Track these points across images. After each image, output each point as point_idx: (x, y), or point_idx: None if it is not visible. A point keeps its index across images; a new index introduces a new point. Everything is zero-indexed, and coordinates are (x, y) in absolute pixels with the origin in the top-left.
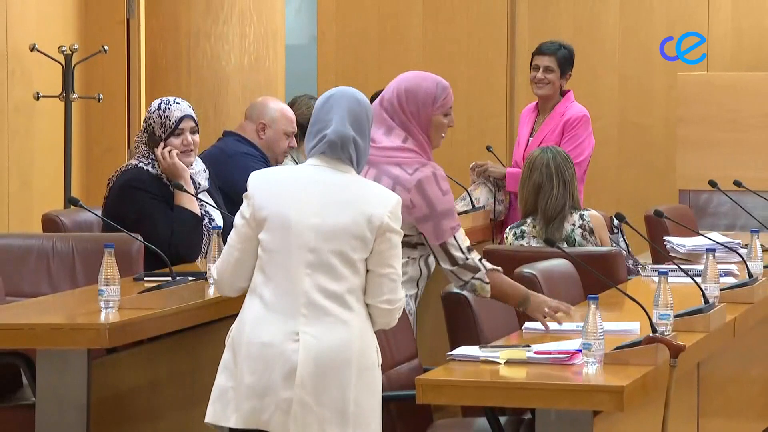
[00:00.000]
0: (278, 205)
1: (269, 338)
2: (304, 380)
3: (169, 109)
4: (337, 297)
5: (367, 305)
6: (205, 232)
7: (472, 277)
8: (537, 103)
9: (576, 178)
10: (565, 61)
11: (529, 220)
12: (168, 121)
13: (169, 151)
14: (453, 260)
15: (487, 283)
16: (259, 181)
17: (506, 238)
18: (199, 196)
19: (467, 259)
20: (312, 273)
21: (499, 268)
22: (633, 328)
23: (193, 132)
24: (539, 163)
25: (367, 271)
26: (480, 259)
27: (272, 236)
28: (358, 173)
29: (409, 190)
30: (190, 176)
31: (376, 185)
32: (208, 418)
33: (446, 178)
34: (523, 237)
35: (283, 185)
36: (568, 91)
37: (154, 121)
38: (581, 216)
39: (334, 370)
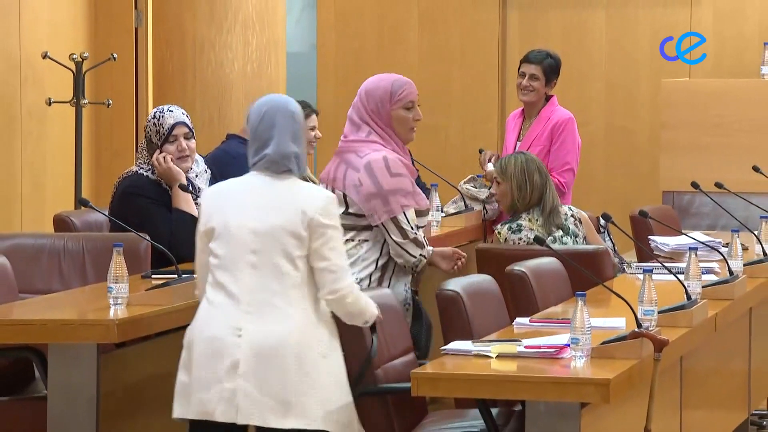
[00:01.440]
0: (221, 214)
1: (215, 334)
2: (246, 372)
3: (162, 117)
4: (279, 293)
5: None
6: None
7: (420, 254)
8: (523, 109)
9: None
10: (551, 69)
11: (524, 215)
12: (162, 129)
13: (164, 157)
14: (404, 234)
15: (426, 259)
16: (207, 194)
17: (498, 233)
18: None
19: (417, 235)
20: (254, 273)
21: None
22: (619, 323)
23: (187, 138)
24: (533, 166)
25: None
26: (423, 237)
27: (218, 243)
28: (299, 176)
29: (358, 170)
30: (189, 179)
31: (311, 186)
32: (175, 414)
33: (402, 164)
34: (520, 231)
35: (226, 195)
36: (552, 96)
37: (150, 129)
38: (570, 208)
39: (273, 361)
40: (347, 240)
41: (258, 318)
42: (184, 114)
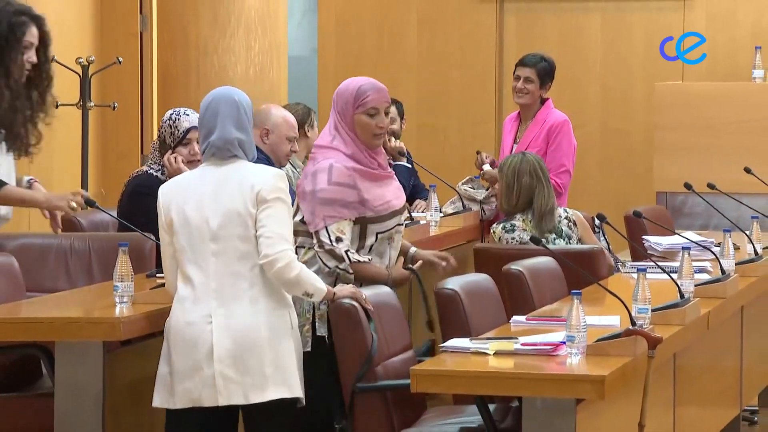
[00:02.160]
0: (178, 207)
1: (188, 325)
2: (221, 356)
3: (179, 119)
4: (243, 276)
5: None
6: None
7: (336, 266)
8: (519, 112)
9: None
10: (545, 73)
11: (518, 216)
12: (177, 131)
13: (175, 157)
14: (320, 244)
15: (351, 273)
16: (164, 190)
17: (493, 232)
18: None
19: (333, 248)
20: (218, 260)
21: (366, 259)
22: (613, 321)
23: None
24: (525, 167)
25: None
26: (347, 251)
27: (179, 236)
28: (249, 159)
29: (306, 177)
30: None
31: (258, 166)
32: (155, 403)
33: (348, 174)
34: (513, 231)
35: (181, 188)
36: (548, 99)
37: (165, 131)
38: (565, 210)
39: (248, 346)
40: (308, 248)
41: (226, 303)
42: None
